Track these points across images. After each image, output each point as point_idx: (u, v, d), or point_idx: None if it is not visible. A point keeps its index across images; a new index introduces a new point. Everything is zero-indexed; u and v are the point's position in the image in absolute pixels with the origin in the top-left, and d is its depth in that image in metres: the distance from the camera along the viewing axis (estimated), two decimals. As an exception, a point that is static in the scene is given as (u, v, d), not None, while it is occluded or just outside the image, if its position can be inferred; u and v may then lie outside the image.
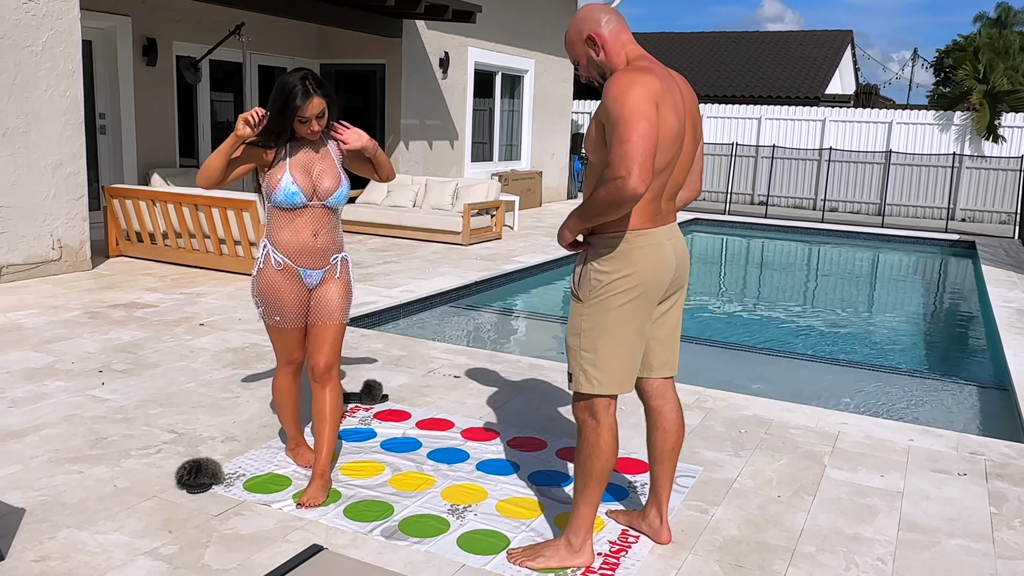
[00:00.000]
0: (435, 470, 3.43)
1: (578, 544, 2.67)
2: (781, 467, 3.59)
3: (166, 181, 8.78)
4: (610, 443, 2.61)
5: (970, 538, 3.02)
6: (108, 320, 5.58)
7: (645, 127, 2.29)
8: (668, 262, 2.58)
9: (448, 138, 12.66)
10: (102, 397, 4.10)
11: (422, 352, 5.15)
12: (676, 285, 2.70)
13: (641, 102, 2.32)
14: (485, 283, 7.79)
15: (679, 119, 2.48)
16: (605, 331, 2.54)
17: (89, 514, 2.92)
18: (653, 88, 2.37)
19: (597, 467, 2.61)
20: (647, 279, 2.53)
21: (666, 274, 2.58)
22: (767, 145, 16.44)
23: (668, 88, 2.45)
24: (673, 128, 2.45)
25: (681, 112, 2.50)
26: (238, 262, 7.26)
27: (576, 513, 2.68)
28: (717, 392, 4.54)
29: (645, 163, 2.28)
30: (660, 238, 2.56)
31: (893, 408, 4.98)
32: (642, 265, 2.51)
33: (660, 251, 2.55)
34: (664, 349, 2.79)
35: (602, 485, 2.64)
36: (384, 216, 10.08)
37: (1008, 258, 10.63)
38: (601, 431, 2.60)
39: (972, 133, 15.49)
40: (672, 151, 2.50)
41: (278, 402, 3.36)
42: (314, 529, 2.89)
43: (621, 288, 2.51)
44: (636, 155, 2.27)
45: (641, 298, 2.54)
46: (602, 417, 2.60)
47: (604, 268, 2.53)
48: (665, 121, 2.40)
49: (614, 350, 2.55)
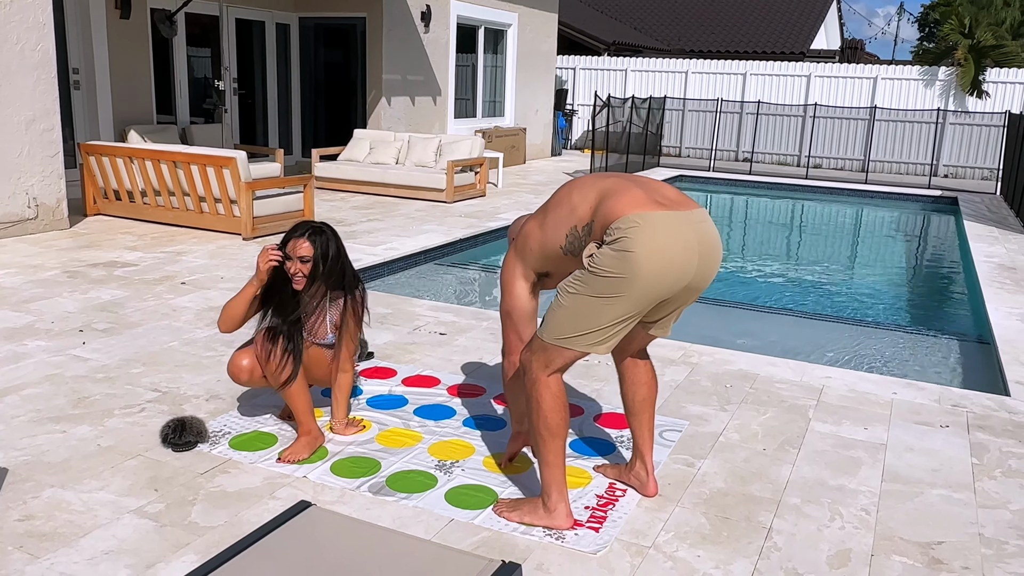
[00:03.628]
0: (422, 426, 3.42)
1: (551, 505, 2.64)
2: (766, 421, 3.61)
3: (143, 138, 8.62)
4: (549, 401, 2.55)
5: (952, 488, 3.06)
6: (87, 279, 5.50)
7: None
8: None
9: (431, 94, 12.48)
10: (83, 356, 4.05)
11: (407, 310, 5.12)
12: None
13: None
14: (470, 241, 7.74)
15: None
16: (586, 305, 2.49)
17: (73, 473, 2.90)
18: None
19: (540, 423, 2.57)
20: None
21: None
22: (752, 101, 16.35)
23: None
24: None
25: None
26: (219, 220, 7.16)
27: (541, 474, 2.66)
28: (703, 347, 4.55)
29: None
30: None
31: (876, 362, 5.02)
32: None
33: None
34: (647, 340, 2.80)
35: (556, 441, 2.58)
36: (366, 173, 9.97)
37: (990, 214, 10.69)
38: (539, 386, 2.56)
39: (956, 89, 15.46)
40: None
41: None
42: (301, 486, 2.88)
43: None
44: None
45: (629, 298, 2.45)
46: (539, 373, 2.55)
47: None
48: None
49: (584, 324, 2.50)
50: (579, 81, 18.19)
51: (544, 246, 2.65)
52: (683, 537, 2.65)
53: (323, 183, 10.11)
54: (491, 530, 2.64)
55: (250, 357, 3.19)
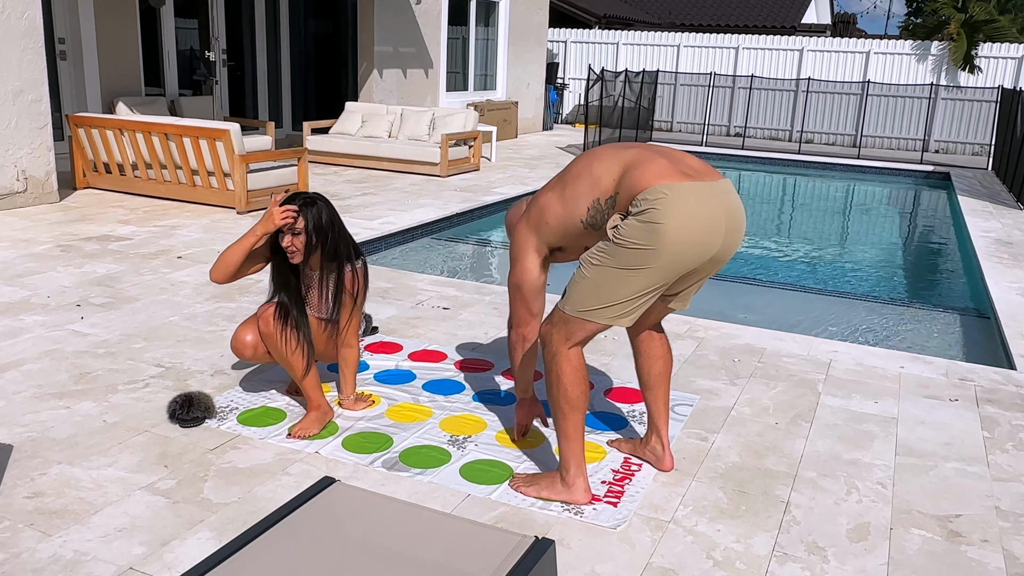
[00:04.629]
0: (432, 401, 3.39)
1: (570, 480, 2.62)
2: (776, 395, 3.60)
3: (132, 110, 8.46)
4: (570, 374, 2.52)
5: (965, 462, 3.06)
6: (81, 253, 5.40)
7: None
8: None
9: (423, 66, 12.33)
10: (82, 331, 3.98)
11: (408, 284, 5.06)
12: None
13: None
14: (466, 215, 7.68)
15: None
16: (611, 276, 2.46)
17: (80, 449, 2.85)
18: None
19: (560, 396, 2.54)
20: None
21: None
22: (744, 75, 16.26)
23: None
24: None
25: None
26: (212, 193, 7.05)
27: (560, 448, 2.63)
28: (708, 322, 4.53)
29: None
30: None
31: (880, 337, 5.02)
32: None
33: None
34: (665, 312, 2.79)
35: (575, 415, 2.55)
36: (359, 147, 9.84)
37: (983, 189, 10.70)
38: (560, 359, 2.52)
39: (949, 64, 15.43)
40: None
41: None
42: (314, 461, 2.84)
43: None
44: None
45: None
46: (559, 346, 2.52)
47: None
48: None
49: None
50: (570, 55, 18.03)
51: (564, 220, 2.60)
52: (702, 511, 2.64)
53: (315, 156, 9.98)
54: (508, 505, 2.62)
55: (254, 332, 3.13)
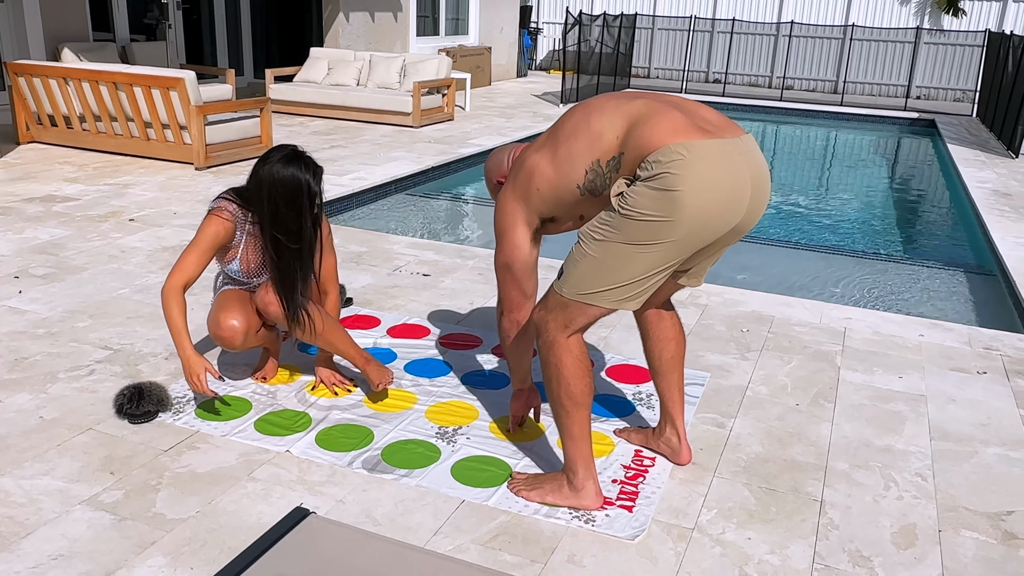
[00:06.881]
0: (415, 385, 3.03)
1: (579, 483, 2.29)
2: (793, 370, 3.29)
3: (79, 57, 7.84)
4: (571, 366, 2.19)
5: (1007, 446, 2.78)
6: (22, 216, 4.92)
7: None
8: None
9: (391, 10, 11.69)
10: (20, 308, 3.55)
11: (384, 247, 4.67)
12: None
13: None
14: (442, 168, 7.24)
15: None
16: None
17: (12, 454, 2.46)
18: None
19: (562, 392, 2.21)
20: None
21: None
22: (725, 19, 15.75)
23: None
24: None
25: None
26: (167, 148, 6.54)
27: (565, 449, 2.29)
28: (710, 286, 4.20)
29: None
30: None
31: (888, 300, 4.74)
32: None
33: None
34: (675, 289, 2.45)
35: (580, 411, 2.22)
36: (326, 96, 9.30)
37: (971, 136, 10.44)
38: (558, 350, 2.19)
39: (932, 6, 15.05)
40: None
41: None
42: (283, 463, 2.49)
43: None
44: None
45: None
46: (557, 334, 2.18)
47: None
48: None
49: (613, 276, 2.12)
50: (544, -3, 17.34)
51: (556, 185, 2.20)
52: (728, 515, 2.33)
53: (278, 106, 9.42)
54: (509, 513, 2.29)
55: (241, 315, 2.74)
